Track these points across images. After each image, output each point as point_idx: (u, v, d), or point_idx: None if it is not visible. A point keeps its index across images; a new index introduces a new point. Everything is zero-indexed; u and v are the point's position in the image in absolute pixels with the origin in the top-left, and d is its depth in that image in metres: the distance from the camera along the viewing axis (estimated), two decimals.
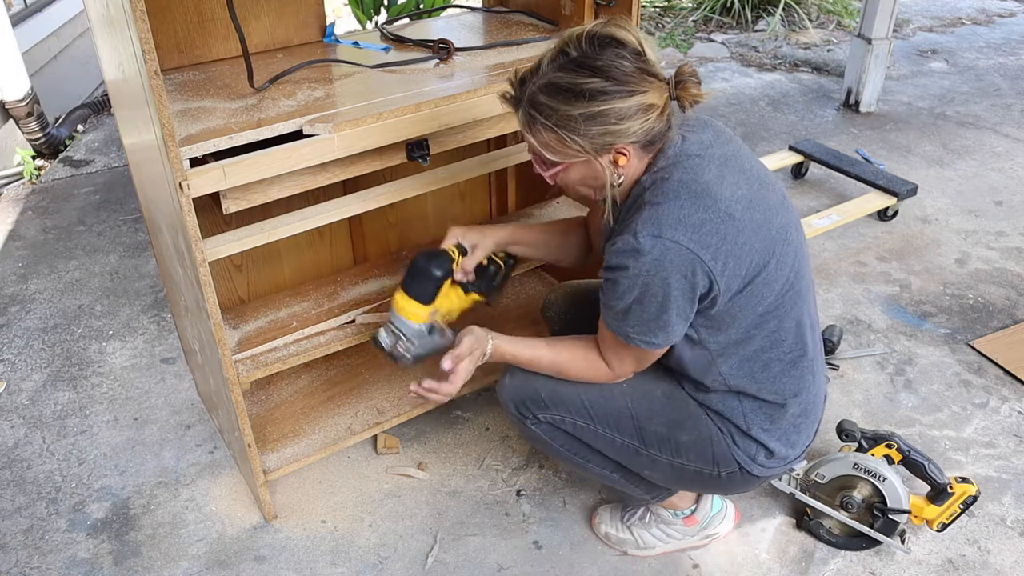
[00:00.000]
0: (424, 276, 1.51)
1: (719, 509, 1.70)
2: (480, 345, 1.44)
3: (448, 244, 1.57)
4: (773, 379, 1.37)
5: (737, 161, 1.30)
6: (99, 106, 4.08)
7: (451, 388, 1.44)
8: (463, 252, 1.57)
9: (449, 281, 1.55)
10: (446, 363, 1.42)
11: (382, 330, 1.53)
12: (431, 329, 1.53)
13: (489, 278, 1.63)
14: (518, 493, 1.86)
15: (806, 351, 1.39)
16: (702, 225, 1.20)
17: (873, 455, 1.65)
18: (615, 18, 1.26)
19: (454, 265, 1.54)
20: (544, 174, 1.32)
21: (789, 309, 1.33)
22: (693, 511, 1.67)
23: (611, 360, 1.38)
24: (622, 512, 1.72)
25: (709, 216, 1.21)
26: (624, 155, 1.24)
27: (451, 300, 1.58)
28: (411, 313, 1.50)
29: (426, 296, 1.51)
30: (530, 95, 1.22)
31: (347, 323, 1.75)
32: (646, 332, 1.28)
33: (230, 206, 1.42)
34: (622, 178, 1.28)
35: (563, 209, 2.13)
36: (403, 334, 1.51)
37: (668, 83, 1.23)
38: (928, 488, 1.65)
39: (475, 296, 1.62)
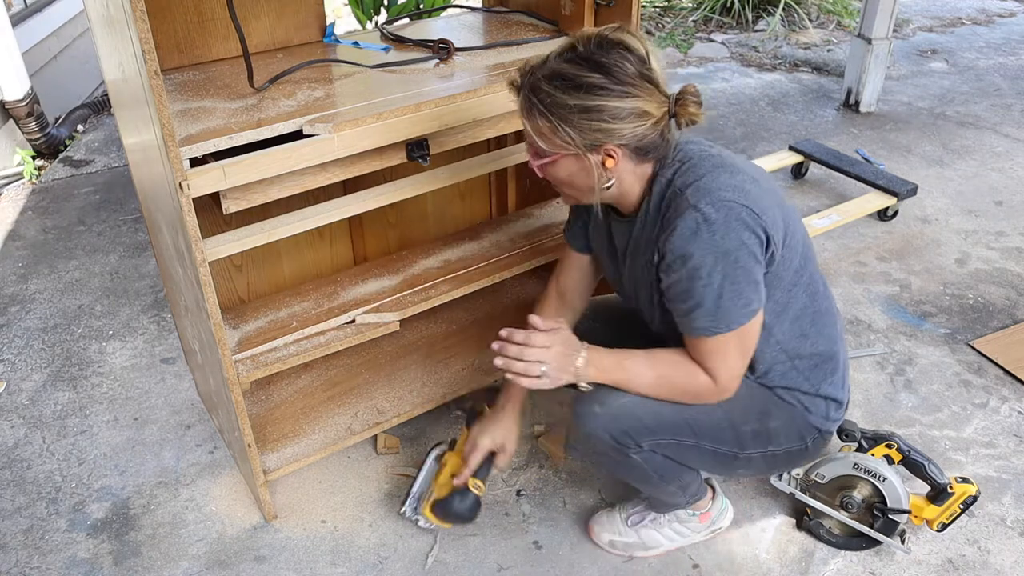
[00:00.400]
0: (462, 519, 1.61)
1: (724, 505, 1.72)
2: (571, 337, 1.36)
3: (475, 461, 1.59)
4: (820, 330, 1.43)
5: (723, 150, 1.38)
6: (99, 106, 4.08)
7: (529, 338, 1.33)
8: (483, 474, 1.60)
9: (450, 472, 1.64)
10: (535, 318, 1.36)
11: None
12: (464, 492, 1.59)
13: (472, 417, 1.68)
14: (518, 493, 1.86)
15: (832, 301, 1.48)
16: (741, 186, 1.26)
17: (873, 455, 1.65)
18: (627, 25, 1.30)
19: (478, 492, 1.60)
20: (534, 164, 1.34)
21: (811, 266, 1.41)
22: (709, 508, 1.69)
23: (717, 367, 1.31)
24: (622, 514, 1.71)
25: (742, 179, 1.27)
26: (612, 157, 1.26)
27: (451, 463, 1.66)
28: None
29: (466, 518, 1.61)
30: (532, 81, 1.26)
31: (347, 323, 1.75)
32: (746, 302, 1.27)
33: (230, 206, 1.42)
34: (611, 182, 1.31)
35: (564, 210, 2.13)
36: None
37: (669, 98, 1.26)
38: (928, 488, 1.65)
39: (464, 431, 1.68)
